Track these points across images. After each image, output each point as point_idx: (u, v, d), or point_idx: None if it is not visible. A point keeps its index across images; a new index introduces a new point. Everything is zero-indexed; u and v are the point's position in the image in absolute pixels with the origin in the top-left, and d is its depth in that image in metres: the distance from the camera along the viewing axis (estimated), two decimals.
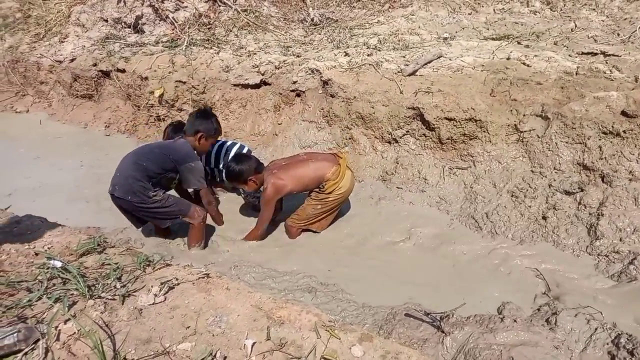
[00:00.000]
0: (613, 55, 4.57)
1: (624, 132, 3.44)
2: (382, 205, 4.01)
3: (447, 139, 4.06)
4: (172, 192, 3.60)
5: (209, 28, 6.28)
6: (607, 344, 2.37)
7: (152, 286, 1.98)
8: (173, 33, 6.16)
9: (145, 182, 3.23)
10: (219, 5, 6.51)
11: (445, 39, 5.52)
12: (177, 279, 2.05)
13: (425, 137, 4.22)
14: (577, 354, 2.37)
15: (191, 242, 3.52)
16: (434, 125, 4.08)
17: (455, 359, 2.37)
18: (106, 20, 6.66)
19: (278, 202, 3.68)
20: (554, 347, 2.35)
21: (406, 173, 4.22)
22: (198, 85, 5.26)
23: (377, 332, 2.64)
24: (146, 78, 5.50)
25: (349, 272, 3.27)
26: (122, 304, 1.87)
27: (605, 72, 4.16)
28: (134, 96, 5.80)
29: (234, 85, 5.06)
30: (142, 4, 6.40)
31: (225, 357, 1.65)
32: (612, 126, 3.47)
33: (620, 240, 3.05)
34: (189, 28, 6.20)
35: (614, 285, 2.85)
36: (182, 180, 3.46)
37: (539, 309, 2.73)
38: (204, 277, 2.10)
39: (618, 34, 5.22)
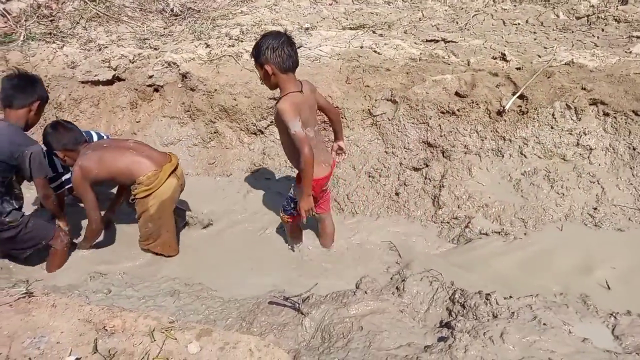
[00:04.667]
0: (451, 41, 5.06)
1: (458, 110, 3.84)
2: (250, 198, 3.98)
3: None
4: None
5: (51, 20, 5.61)
6: (446, 301, 2.63)
7: None
8: (6, 26, 5.38)
9: None
10: None
11: (307, 29, 5.64)
12: None
13: None
14: (421, 314, 2.59)
15: (51, 268, 3.14)
16: None
17: (313, 337, 2.45)
18: None
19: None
20: (400, 311, 2.54)
21: (273, 163, 4.25)
22: None
23: (240, 324, 2.63)
24: None
25: (215, 269, 3.21)
26: None
27: (443, 57, 4.59)
28: None
29: (82, 82, 4.60)
30: None
31: None
32: (448, 106, 3.86)
33: (458, 207, 3.42)
34: (25, 21, 5.47)
35: (453, 248, 3.19)
36: (19, 172, 2.83)
37: (391, 278, 2.95)
38: (24, 297, 1.87)
39: (457, 22, 5.79)
